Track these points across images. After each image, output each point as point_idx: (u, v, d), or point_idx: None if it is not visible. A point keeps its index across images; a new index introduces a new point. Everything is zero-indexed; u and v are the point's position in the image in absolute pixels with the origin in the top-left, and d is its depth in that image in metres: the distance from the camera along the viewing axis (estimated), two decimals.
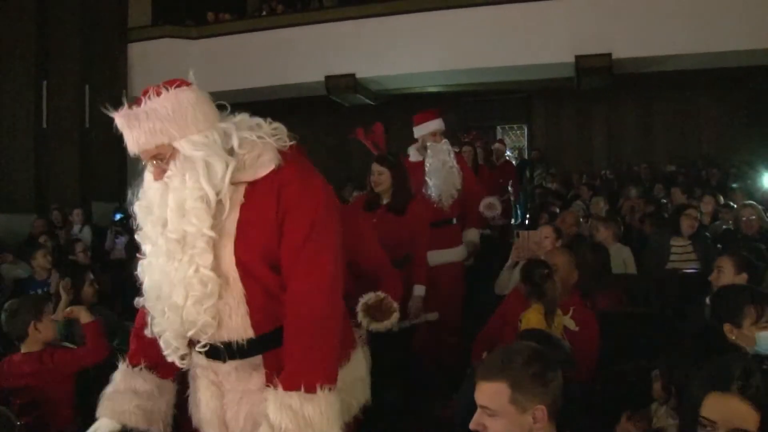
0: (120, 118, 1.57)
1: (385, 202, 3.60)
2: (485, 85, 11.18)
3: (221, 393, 1.75)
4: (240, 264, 1.60)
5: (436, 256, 4.03)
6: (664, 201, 6.87)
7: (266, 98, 11.31)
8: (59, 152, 9.60)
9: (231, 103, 1.67)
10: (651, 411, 2.13)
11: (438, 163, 4.22)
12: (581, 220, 5.38)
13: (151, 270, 1.64)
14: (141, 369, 1.79)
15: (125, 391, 1.77)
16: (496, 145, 8.65)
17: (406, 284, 3.37)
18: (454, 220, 4.35)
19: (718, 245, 4.75)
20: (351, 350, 1.89)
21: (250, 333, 1.65)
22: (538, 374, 1.60)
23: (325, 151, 11.66)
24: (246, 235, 1.60)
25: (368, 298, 2.36)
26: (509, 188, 8.33)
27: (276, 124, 1.69)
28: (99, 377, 2.15)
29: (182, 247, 1.56)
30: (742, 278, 3.04)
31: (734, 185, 7.34)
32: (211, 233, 1.56)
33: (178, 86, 1.61)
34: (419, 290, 3.57)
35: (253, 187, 1.61)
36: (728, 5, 8.41)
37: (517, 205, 9.70)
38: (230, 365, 1.70)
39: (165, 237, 1.57)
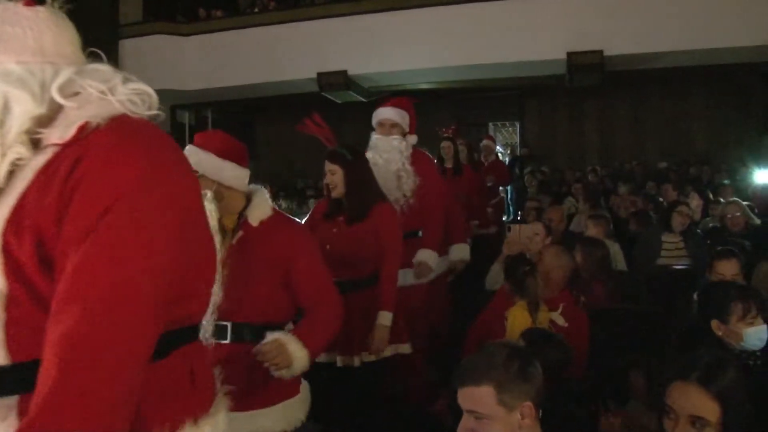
0: None
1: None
2: (477, 82, 11.18)
3: None
4: (6, 252, 1.06)
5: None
6: (658, 197, 6.89)
7: (258, 95, 11.29)
8: None
9: (223, 100, 1.28)
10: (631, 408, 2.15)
11: (381, 161, 3.52)
12: (565, 215, 5.37)
13: None
14: None
15: None
16: (485, 141, 7.62)
17: (372, 308, 2.88)
18: (420, 233, 3.64)
19: (708, 242, 4.80)
20: (198, 414, 1.23)
21: (2, 357, 1.08)
22: (520, 372, 1.61)
23: (319, 148, 11.60)
24: (24, 214, 1.06)
25: (265, 343, 1.96)
26: (501, 189, 7.76)
27: (143, 88, 1.17)
28: None
29: None
30: (739, 277, 3.11)
31: (724, 182, 7.40)
32: None
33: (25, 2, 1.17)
34: (384, 318, 2.86)
35: (62, 151, 1.09)
36: (720, 2, 8.45)
37: (510, 201, 9.72)
38: None
39: None
